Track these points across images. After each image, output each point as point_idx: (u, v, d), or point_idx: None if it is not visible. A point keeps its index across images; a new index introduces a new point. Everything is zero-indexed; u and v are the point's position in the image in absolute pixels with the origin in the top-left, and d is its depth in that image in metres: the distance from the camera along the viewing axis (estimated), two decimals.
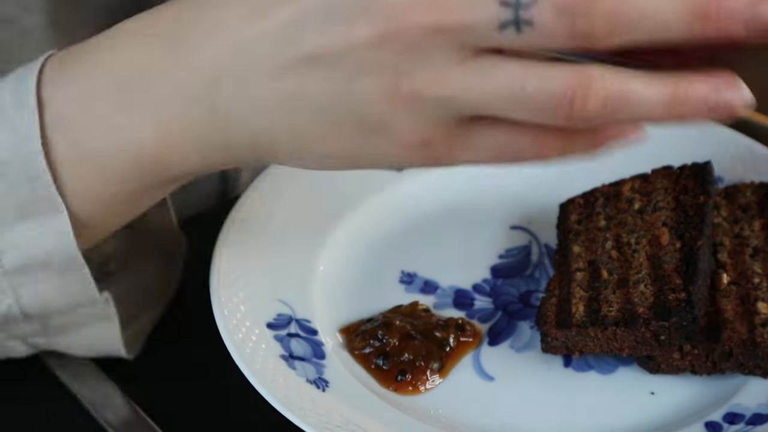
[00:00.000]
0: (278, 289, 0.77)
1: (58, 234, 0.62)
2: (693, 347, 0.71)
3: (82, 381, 0.74)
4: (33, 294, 0.65)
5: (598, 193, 0.82)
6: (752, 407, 0.71)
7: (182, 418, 0.72)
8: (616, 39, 0.51)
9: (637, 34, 0.51)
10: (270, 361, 0.71)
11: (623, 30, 0.51)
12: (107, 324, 0.69)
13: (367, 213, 0.84)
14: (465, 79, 0.53)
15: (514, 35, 0.51)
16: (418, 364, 0.73)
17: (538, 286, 0.80)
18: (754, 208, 0.79)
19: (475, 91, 0.53)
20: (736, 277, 0.75)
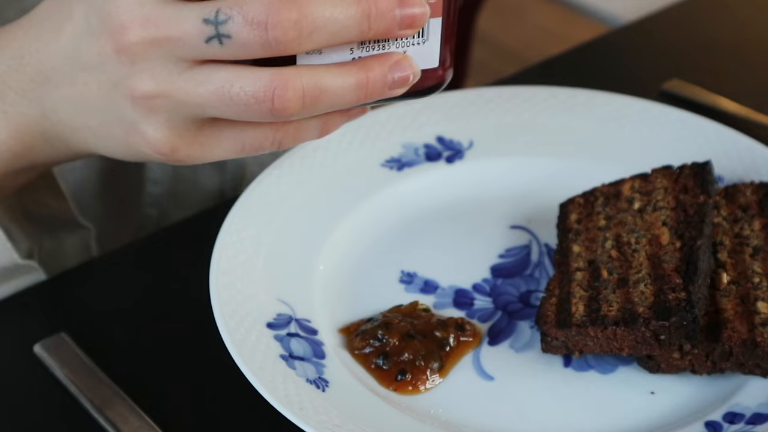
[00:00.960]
0: (278, 289, 0.77)
1: None
2: (693, 347, 0.71)
3: (82, 381, 0.74)
4: None
5: (598, 193, 0.82)
6: (752, 407, 0.71)
7: (182, 418, 0.72)
8: (305, 44, 0.60)
9: (321, 38, 0.60)
10: (270, 360, 0.71)
11: (310, 36, 0.60)
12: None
13: (367, 213, 0.84)
14: (184, 85, 0.62)
15: (219, 47, 0.61)
16: (418, 364, 0.73)
17: (538, 286, 0.80)
18: (754, 207, 0.80)
19: (194, 95, 0.62)
20: (736, 277, 0.75)
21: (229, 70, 0.62)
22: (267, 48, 0.60)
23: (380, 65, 0.63)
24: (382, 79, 0.63)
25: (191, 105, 0.63)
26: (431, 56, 0.65)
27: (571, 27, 2.34)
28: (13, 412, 0.74)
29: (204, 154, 0.67)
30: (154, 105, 0.64)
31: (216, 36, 0.60)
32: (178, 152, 0.66)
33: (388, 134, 0.88)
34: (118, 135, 0.67)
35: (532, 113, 0.91)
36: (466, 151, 0.89)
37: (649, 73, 1.02)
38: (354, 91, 0.63)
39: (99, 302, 0.82)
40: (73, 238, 0.87)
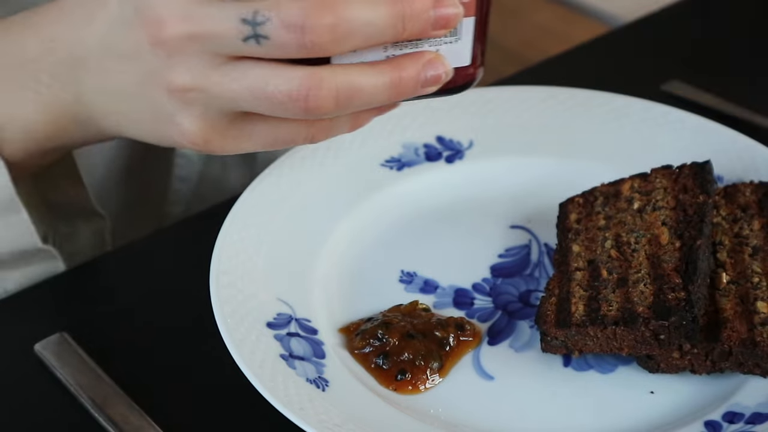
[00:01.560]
0: (278, 289, 0.77)
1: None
2: (692, 346, 0.71)
3: (82, 381, 0.74)
4: None
5: (597, 193, 0.82)
6: (752, 406, 0.71)
7: (182, 418, 0.72)
8: (341, 47, 0.61)
9: (357, 41, 0.61)
10: (270, 360, 0.71)
11: (346, 39, 0.61)
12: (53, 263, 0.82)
13: (367, 213, 0.84)
14: (220, 80, 0.64)
15: (255, 46, 0.62)
16: (417, 364, 0.73)
17: (537, 286, 0.80)
18: (753, 207, 0.80)
19: (229, 90, 0.64)
20: (735, 277, 0.75)
21: (265, 68, 0.63)
22: (303, 50, 0.61)
23: (413, 64, 0.64)
24: (414, 78, 0.64)
25: (226, 99, 0.64)
26: (463, 55, 0.66)
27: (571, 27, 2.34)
28: (13, 412, 0.74)
29: (236, 146, 0.68)
30: (190, 98, 0.65)
31: (253, 36, 0.61)
32: (211, 144, 0.68)
33: (388, 134, 0.88)
34: (151, 122, 0.69)
35: (532, 113, 0.91)
36: (466, 151, 0.89)
37: (649, 73, 1.02)
38: (387, 90, 0.64)
39: (99, 302, 0.82)
40: (88, 226, 0.87)
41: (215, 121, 0.66)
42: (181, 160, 1.02)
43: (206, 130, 0.67)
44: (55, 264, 0.82)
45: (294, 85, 0.62)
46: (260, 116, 0.66)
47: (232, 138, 0.68)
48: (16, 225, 0.78)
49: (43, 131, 0.74)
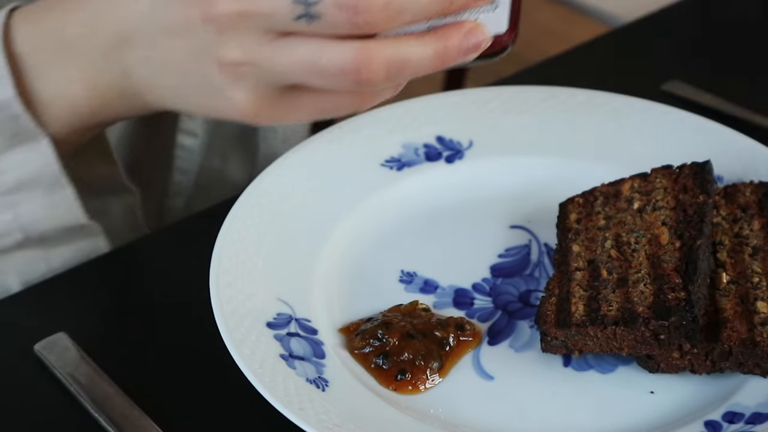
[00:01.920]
0: (278, 289, 0.77)
1: (42, 156, 0.76)
2: (692, 346, 0.71)
3: (82, 381, 0.74)
4: (27, 211, 0.79)
5: (597, 193, 0.82)
6: (752, 406, 0.71)
7: (182, 418, 0.72)
8: (392, 24, 0.63)
9: (407, 17, 0.63)
10: (270, 360, 0.71)
11: (396, 17, 0.62)
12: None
13: (367, 213, 0.84)
14: (272, 55, 0.65)
15: (307, 25, 0.63)
16: (417, 364, 0.73)
17: (537, 286, 0.80)
18: (753, 207, 0.80)
19: (281, 65, 0.65)
20: (735, 277, 0.75)
21: (316, 43, 0.64)
22: (355, 29, 0.62)
23: (456, 33, 0.66)
24: (458, 46, 0.66)
25: (277, 73, 0.66)
26: (500, 22, 0.68)
27: (571, 27, 2.34)
28: (13, 412, 0.74)
29: (285, 117, 0.70)
30: (241, 72, 0.66)
31: (305, 15, 0.62)
32: (261, 116, 0.69)
33: (387, 134, 0.88)
34: (200, 96, 0.71)
35: (532, 113, 0.91)
36: (466, 151, 0.89)
37: (649, 73, 1.02)
38: (433, 59, 0.65)
39: (99, 302, 0.82)
40: (119, 202, 0.88)
41: (266, 94, 0.68)
42: (181, 152, 1.02)
43: (257, 102, 0.68)
44: (97, 241, 0.84)
45: (346, 59, 0.63)
46: (308, 88, 0.68)
47: (281, 109, 0.69)
48: (62, 201, 0.79)
49: (89, 107, 0.75)
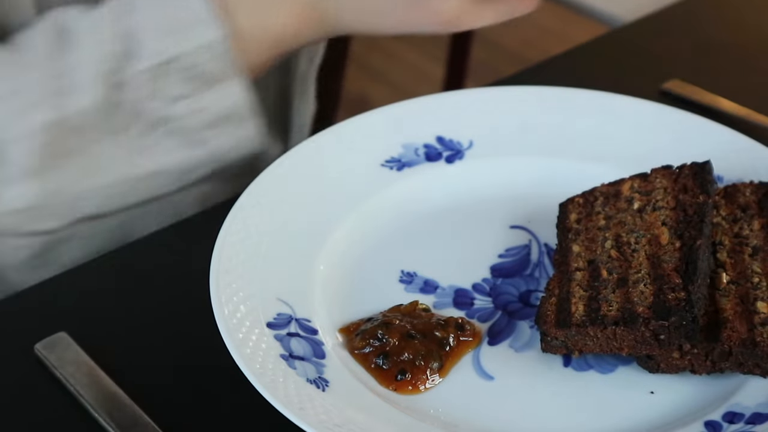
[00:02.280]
0: (278, 289, 0.77)
1: (238, 92, 0.85)
2: (692, 346, 0.71)
3: (82, 381, 0.74)
4: (218, 146, 0.87)
5: (597, 193, 0.82)
6: (752, 406, 0.71)
7: (182, 418, 0.72)
8: None
9: None
10: (270, 360, 0.71)
11: None
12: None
13: (367, 213, 0.84)
14: None
15: None
16: (417, 364, 0.73)
17: (537, 286, 0.80)
18: (753, 207, 0.80)
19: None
20: (735, 277, 0.75)
21: None
22: None
23: None
24: None
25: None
26: None
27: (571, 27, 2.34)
28: (13, 412, 0.74)
29: (479, 20, 0.84)
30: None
31: None
32: (461, 19, 0.82)
33: (388, 134, 0.88)
34: (397, 12, 0.83)
35: (532, 113, 0.91)
36: (466, 151, 0.89)
37: (649, 73, 1.02)
38: None
39: (99, 302, 0.82)
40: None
41: (466, 6, 0.82)
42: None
43: (459, 6, 0.81)
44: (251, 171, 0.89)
45: None
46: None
47: (474, 15, 0.82)
48: (248, 133, 0.88)
49: (290, 32, 0.86)
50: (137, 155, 0.84)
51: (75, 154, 0.82)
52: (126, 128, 0.83)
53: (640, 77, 1.02)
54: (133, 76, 0.82)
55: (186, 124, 0.85)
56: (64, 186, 0.82)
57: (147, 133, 0.84)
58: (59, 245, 0.86)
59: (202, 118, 0.85)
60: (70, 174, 0.82)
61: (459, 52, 2.08)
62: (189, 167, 0.87)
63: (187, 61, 0.83)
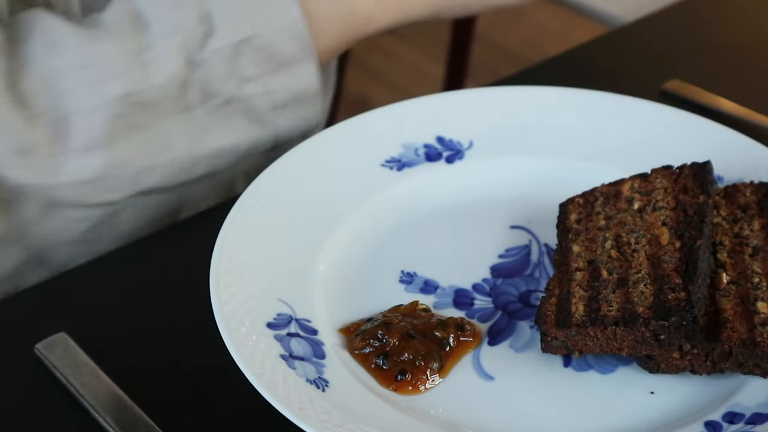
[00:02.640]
0: (278, 289, 0.77)
1: (310, 75, 0.87)
2: (693, 347, 0.71)
3: (82, 381, 0.74)
4: (284, 126, 0.89)
5: (597, 193, 0.82)
6: (752, 407, 0.71)
7: (182, 418, 0.72)
8: None
9: None
10: (270, 360, 0.71)
11: None
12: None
13: (367, 213, 0.84)
14: None
15: None
16: (417, 364, 0.73)
17: (538, 286, 0.80)
18: (753, 207, 0.80)
19: None
20: (735, 277, 0.75)
21: None
22: None
23: None
24: None
25: None
26: None
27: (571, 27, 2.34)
28: (13, 412, 0.74)
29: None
30: None
31: None
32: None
33: (388, 134, 0.88)
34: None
35: (532, 113, 0.91)
36: (466, 151, 0.89)
37: (649, 73, 1.02)
38: None
39: (99, 302, 0.82)
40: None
41: None
42: None
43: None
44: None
45: None
46: None
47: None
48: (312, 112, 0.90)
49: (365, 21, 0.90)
50: (205, 133, 0.85)
51: (144, 128, 0.83)
52: (196, 106, 0.84)
53: (640, 77, 1.02)
54: (209, 54, 0.84)
55: (256, 104, 0.86)
56: (130, 159, 0.83)
57: (216, 111, 0.85)
58: (114, 217, 0.86)
59: (274, 99, 0.86)
60: (137, 147, 0.83)
61: (459, 52, 2.08)
62: (253, 146, 0.89)
63: (263, 41, 0.84)
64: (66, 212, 0.83)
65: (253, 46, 0.85)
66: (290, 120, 0.89)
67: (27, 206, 0.82)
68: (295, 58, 0.86)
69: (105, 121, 0.81)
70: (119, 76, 0.82)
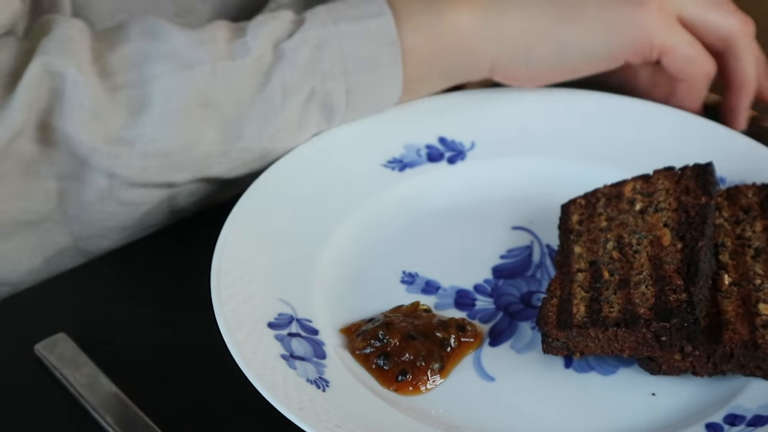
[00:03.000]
0: (279, 289, 0.77)
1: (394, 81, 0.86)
2: (694, 348, 0.71)
3: (82, 381, 0.74)
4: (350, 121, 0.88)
5: (599, 194, 0.82)
6: (753, 409, 0.71)
7: (182, 418, 0.72)
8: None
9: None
10: (270, 360, 0.71)
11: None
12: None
13: (369, 213, 0.84)
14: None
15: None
16: (418, 365, 0.73)
17: (539, 287, 0.80)
18: (755, 209, 0.79)
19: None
20: (737, 278, 0.75)
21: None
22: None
23: None
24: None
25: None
26: None
27: None
28: (13, 412, 0.74)
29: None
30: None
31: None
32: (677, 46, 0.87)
33: (389, 135, 0.88)
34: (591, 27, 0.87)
35: (534, 114, 0.91)
36: (468, 152, 0.89)
37: None
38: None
39: (99, 302, 0.81)
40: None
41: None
42: None
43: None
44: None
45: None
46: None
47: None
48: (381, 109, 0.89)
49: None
50: (280, 128, 0.84)
51: (220, 112, 0.82)
52: (275, 99, 0.83)
53: None
54: (296, 43, 0.83)
55: (333, 102, 0.85)
56: (201, 141, 0.82)
57: (294, 106, 0.84)
58: (168, 202, 0.86)
59: (351, 99, 0.85)
60: (212, 131, 0.82)
61: None
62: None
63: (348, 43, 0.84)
64: (126, 193, 0.82)
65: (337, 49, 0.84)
66: (357, 118, 0.88)
67: (87, 186, 0.81)
68: (378, 63, 0.85)
69: (185, 100, 0.81)
70: (206, 63, 0.81)
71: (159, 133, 0.80)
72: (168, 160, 0.81)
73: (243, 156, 0.84)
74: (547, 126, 0.90)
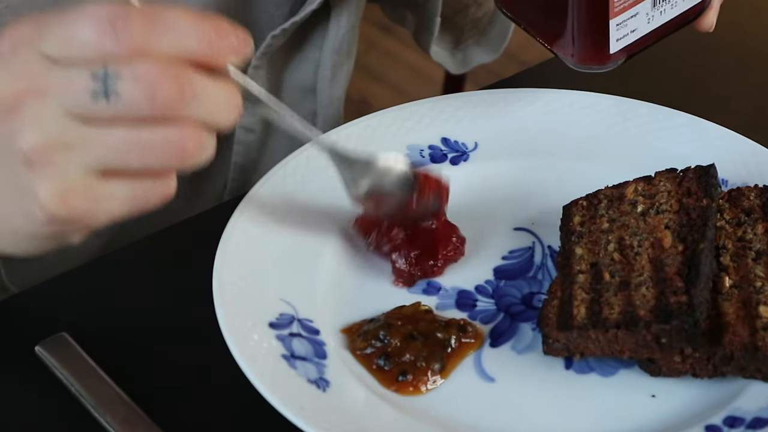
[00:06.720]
0: (281, 289, 0.77)
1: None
2: (694, 350, 0.71)
3: (82, 381, 0.74)
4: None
5: (601, 195, 0.82)
6: (753, 411, 0.71)
7: (182, 418, 0.72)
8: (192, 109, 0.59)
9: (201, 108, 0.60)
10: (271, 360, 0.71)
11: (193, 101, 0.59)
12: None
13: None
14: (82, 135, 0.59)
15: (105, 104, 0.58)
16: (419, 365, 0.73)
17: (540, 288, 0.80)
18: (757, 211, 0.79)
19: (96, 144, 0.59)
20: (738, 281, 0.75)
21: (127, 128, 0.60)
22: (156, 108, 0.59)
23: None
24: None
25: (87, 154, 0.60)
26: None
27: None
28: (13, 412, 0.74)
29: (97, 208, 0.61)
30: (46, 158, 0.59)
31: (103, 92, 0.58)
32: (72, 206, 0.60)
33: (392, 136, 0.88)
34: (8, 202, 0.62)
35: (537, 115, 0.90)
36: (471, 153, 0.89)
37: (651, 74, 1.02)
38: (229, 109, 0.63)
39: (99, 302, 0.81)
40: None
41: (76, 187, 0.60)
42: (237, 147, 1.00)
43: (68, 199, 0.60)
44: None
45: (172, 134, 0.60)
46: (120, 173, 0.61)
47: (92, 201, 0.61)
48: None
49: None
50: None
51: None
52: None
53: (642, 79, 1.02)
54: None
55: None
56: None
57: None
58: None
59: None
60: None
61: None
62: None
63: None
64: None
65: None
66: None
67: None
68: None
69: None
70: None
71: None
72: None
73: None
74: (550, 127, 0.90)
